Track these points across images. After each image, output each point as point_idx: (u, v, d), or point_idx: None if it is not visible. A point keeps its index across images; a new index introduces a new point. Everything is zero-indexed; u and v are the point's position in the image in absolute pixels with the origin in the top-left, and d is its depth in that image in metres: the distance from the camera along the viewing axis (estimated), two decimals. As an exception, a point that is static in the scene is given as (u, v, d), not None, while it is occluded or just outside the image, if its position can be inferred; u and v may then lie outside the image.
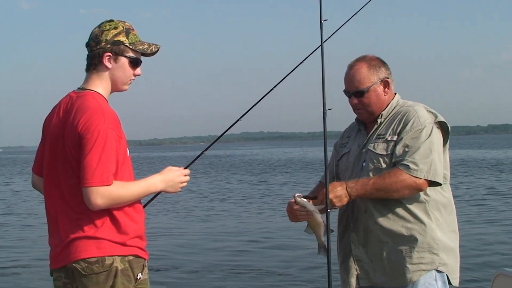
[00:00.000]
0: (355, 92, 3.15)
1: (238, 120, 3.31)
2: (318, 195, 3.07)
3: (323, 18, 3.11)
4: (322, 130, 3.02)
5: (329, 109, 3.03)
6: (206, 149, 3.21)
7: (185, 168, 2.85)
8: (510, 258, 9.09)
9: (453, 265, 3.08)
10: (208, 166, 42.15)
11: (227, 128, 3.29)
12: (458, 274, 3.11)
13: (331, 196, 2.95)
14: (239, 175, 31.49)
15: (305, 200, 3.01)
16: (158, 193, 2.89)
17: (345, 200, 2.97)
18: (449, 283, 3.08)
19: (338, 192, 2.97)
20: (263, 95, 3.36)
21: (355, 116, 3.32)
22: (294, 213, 3.04)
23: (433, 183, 3.00)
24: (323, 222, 3.02)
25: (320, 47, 3.11)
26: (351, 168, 3.20)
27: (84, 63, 2.77)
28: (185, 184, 2.82)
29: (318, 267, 8.54)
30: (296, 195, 3.02)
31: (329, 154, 3.20)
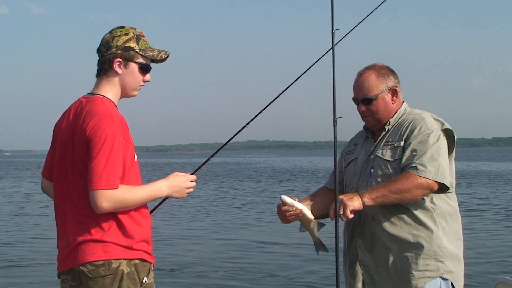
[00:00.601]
0: (363, 100, 3.15)
1: (244, 126, 3.27)
2: (315, 199, 3.13)
3: (335, 28, 3.14)
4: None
5: (340, 117, 3.05)
6: (212, 155, 3.18)
7: (191, 174, 2.83)
8: (510, 266, 9.06)
9: (458, 273, 3.05)
10: (213, 173, 42.18)
11: (234, 134, 3.26)
12: (462, 282, 3.08)
13: (343, 197, 2.95)
14: (244, 182, 31.50)
15: (291, 199, 3.05)
16: (165, 199, 2.87)
17: (357, 203, 2.93)
18: (454, 290, 3.05)
19: (351, 195, 2.97)
20: (268, 101, 3.33)
21: (362, 126, 3.32)
22: (283, 214, 3.06)
23: (441, 187, 2.98)
24: (313, 218, 3.05)
25: (331, 50, 3.11)
26: (359, 175, 3.19)
27: (94, 68, 2.76)
28: (191, 189, 2.80)
29: (323, 271, 8.52)
30: (282, 196, 3.05)
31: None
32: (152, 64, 2.80)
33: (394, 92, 3.17)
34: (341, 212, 2.94)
